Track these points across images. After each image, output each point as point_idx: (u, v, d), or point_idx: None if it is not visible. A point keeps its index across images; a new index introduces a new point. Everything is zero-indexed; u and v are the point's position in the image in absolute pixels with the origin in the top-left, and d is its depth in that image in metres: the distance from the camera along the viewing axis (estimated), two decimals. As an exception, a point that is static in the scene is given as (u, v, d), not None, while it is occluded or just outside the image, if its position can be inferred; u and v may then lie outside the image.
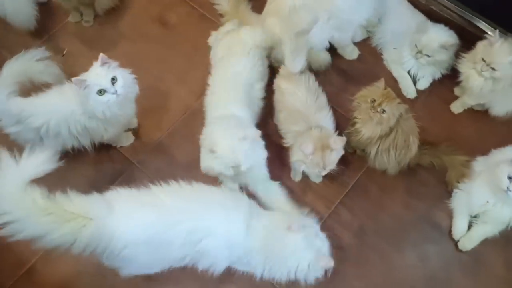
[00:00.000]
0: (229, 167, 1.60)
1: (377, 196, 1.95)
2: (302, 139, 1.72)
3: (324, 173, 1.73)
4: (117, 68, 1.64)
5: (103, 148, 1.98)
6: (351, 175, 1.98)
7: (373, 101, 1.73)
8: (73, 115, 1.72)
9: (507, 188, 1.62)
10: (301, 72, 1.86)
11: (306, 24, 1.72)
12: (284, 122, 1.87)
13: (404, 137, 1.80)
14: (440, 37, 1.97)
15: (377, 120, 1.75)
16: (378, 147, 1.84)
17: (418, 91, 2.14)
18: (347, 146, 1.87)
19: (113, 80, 1.61)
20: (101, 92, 1.61)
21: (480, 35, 1.95)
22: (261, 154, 1.72)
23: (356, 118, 1.83)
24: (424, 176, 1.97)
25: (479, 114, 2.08)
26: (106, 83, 1.60)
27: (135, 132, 2.06)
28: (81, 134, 1.79)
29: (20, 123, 1.73)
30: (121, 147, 2.02)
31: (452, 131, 2.06)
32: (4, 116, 1.73)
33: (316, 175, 1.92)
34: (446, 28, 2.02)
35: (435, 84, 2.15)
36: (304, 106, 1.81)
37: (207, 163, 1.65)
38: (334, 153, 1.70)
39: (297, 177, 1.96)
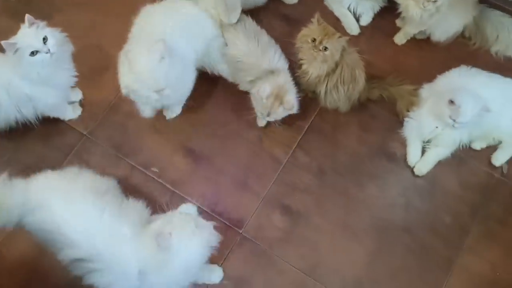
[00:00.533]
0: (151, 90, 1.59)
1: (332, 135, 1.98)
2: (265, 81, 1.74)
3: (266, 119, 1.74)
4: (46, 27, 1.61)
5: (51, 123, 1.92)
6: (305, 118, 1.99)
7: (313, 40, 1.73)
8: (12, 83, 1.67)
9: (453, 125, 1.68)
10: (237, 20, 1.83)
11: None
12: (234, 74, 1.84)
13: (350, 71, 1.82)
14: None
15: (321, 59, 1.76)
16: (327, 85, 1.85)
17: (361, 27, 2.14)
18: (298, 89, 1.88)
19: (44, 39, 1.57)
20: (33, 53, 1.57)
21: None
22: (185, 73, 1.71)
23: (302, 59, 1.83)
24: (375, 110, 2.01)
25: (422, 43, 2.11)
26: (37, 44, 1.56)
27: (81, 103, 2.00)
28: (23, 104, 1.73)
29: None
30: (69, 120, 1.97)
31: (398, 63, 2.08)
32: None
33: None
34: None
35: (377, 18, 2.16)
36: (247, 55, 1.79)
37: (127, 82, 1.63)
38: (281, 108, 1.74)
39: (261, 122, 1.95)
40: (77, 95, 2.00)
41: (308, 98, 1.99)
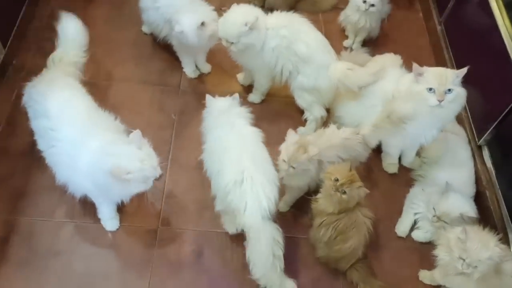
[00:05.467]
0: (223, 35, 2.02)
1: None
2: None
3: None
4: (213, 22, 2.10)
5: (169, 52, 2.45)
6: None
7: (336, 180, 1.74)
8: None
9: None
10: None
11: None
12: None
13: (347, 225, 1.78)
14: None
15: (337, 199, 1.75)
16: (323, 221, 1.82)
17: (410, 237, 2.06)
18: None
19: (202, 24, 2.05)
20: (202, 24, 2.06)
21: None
22: (253, 55, 2.09)
23: (321, 190, 1.85)
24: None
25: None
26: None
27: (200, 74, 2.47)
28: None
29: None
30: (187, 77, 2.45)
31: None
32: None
33: None
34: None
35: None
36: None
37: (220, 24, 2.05)
38: None
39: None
40: (206, 67, 2.44)
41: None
